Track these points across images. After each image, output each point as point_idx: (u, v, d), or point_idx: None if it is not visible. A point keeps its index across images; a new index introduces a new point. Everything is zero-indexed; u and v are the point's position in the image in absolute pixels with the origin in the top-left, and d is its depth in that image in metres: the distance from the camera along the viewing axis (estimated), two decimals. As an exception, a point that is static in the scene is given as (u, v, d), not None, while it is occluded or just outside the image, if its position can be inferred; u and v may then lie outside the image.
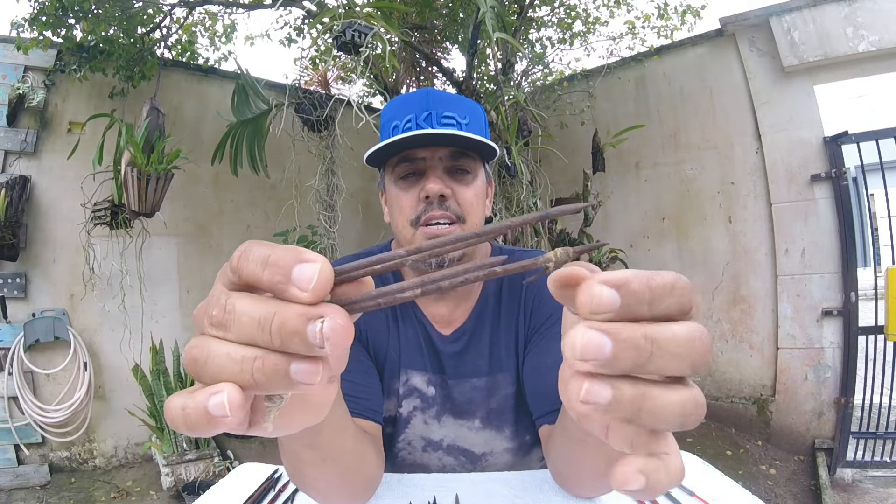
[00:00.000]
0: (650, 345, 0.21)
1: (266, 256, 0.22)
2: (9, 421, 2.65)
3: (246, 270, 0.22)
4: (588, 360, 0.21)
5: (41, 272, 2.87)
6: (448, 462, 0.82)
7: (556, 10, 3.94)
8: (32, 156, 2.86)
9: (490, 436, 0.80)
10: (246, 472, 0.82)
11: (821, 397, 2.93)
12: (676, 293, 0.22)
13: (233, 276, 0.23)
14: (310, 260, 0.22)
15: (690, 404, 0.22)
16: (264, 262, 0.22)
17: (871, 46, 2.82)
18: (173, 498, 2.59)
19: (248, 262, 0.22)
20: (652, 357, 0.21)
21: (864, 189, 2.81)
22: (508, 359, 0.79)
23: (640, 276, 0.22)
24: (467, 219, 0.75)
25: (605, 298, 0.21)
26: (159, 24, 3.20)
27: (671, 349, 0.21)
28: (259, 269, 0.22)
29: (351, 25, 2.15)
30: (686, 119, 3.59)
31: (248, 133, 2.87)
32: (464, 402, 0.79)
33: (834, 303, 2.93)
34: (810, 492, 2.56)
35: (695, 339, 0.22)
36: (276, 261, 0.22)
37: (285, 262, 0.22)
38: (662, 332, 0.21)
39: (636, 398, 0.22)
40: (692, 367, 0.22)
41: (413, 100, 0.76)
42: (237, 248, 0.24)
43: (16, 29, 2.72)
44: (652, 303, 0.22)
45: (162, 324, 3.19)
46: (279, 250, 0.22)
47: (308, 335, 0.21)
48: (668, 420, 0.22)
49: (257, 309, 0.22)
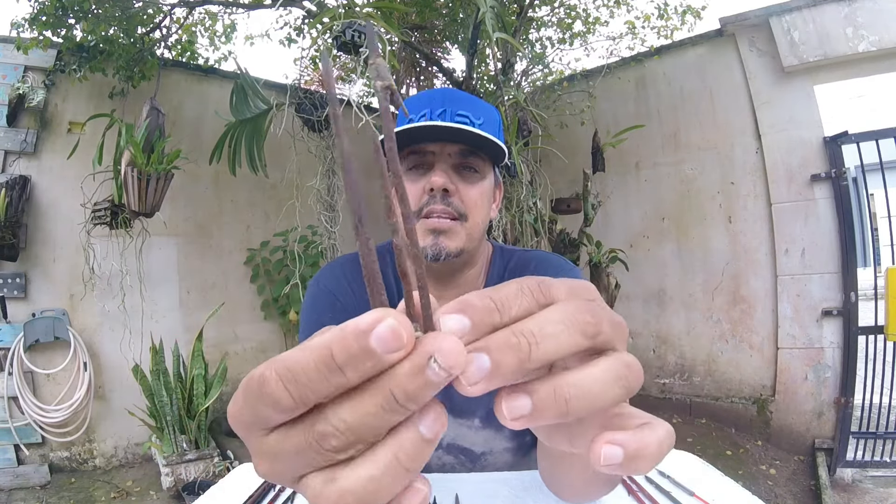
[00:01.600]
0: (518, 336, 0.20)
1: (324, 357, 0.18)
2: (9, 421, 2.65)
3: (306, 390, 0.18)
4: (475, 383, 0.20)
5: (41, 272, 2.87)
6: (448, 461, 0.82)
7: (556, 10, 3.93)
8: (32, 156, 2.86)
9: (490, 435, 0.80)
10: (246, 472, 0.82)
11: (821, 397, 2.93)
12: (524, 293, 0.22)
13: (274, 412, 0.19)
14: (375, 320, 0.18)
15: (620, 369, 0.21)
16: (325, 364, 0.18)
17: (871, 46, 2.82)
18: (173, 498, 2.59)
19: (299, 377, 0.18)
20: (535, 346, 0.20)
21: (864, 189, 2.81)
22: None
23: (479, 294, 0.21)
24: (469, 218, 0.75)
25: (453, 325, 0.20)
26: (159, 24, 3.20)
27: (549, 330, 0.20)
28: (325, 373, 0.18)
29: (351, 25, 2.15)
30: (686, 119, 3.59)
31: (246, 133, 2.87)
32: (463, 400, 0.79)
33: (834, 303, 2.93)
34: (810, 492, 2.56)
35: (567, 313, 0.21)
36: (344, 350, 0.18)
37: (353, 344, 0.18)
38: (527, 323, 0.21)
39: (556, 391, 0.20)
40: (583, 334, 0.21)
41: (431, 96, 0.77)
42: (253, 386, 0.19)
43: (16, 29, 2.72)
44: (501, 310, 0.21)
45: (162, 324, 3.19)
46: (325, 343, 0.18)
47: (433, 380, 0.18)
48: (606, 395, 0.21)
49: (365, 404, 0.18)
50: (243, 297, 3.67)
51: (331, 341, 0.18)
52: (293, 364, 0.18)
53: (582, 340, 0.21)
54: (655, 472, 0.73)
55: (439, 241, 0.73)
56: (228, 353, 3.34)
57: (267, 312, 3.73)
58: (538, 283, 0.23)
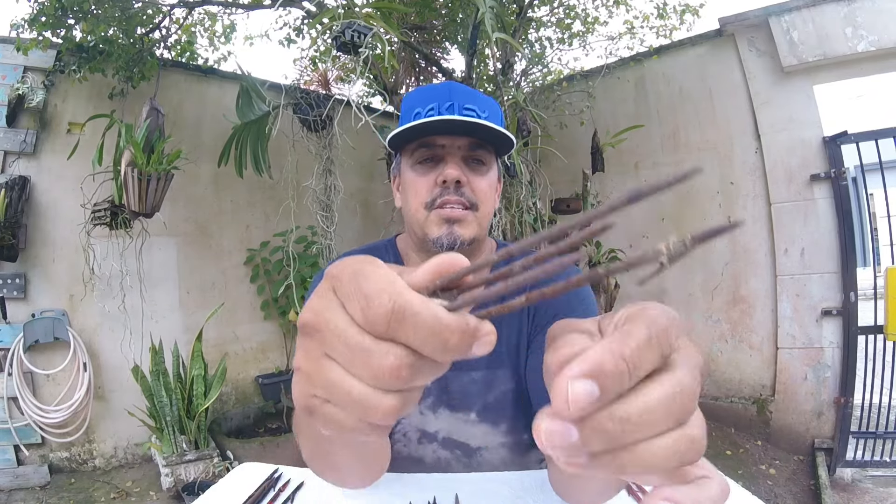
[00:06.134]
0: (621, 425, 0.20)
1: (446, 340, 0.21)
2: (8, 421, 2.65)
3: (409, 334, 0.21)
4: (555, 448, 0.20)
5: (41, 273, 2.87)
6: (443, 455, 0.82)
7: (556, 11, 3.94)
8: (32, 156, 2.86)
9: (486, 430, 0.81)
10: (246, 472, 0.82)
11: (820, 397, 2.93)
12: (654, 346, 0.21)
13: (380, 325, 0.22)
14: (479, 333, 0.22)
15: (683, 445, 0.21)
16: (438, 337, 0.21)
17: (871, 46, 2.82)
18: (173, 498, 2.59)
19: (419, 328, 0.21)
20: (626, 433, 0.20)
21: (864, 189, 2.81)
22: (509, 355, 0.79)
23: (613, 353, 0.20)
24: (480, 207, 0.77)
25: (581, 395, 0.20)
26: (159, 25, 3.20)
27: (646, 420, 0.20)
28: (432, 339, 0.21)
29: (350, 26, 2.15)
30: (685, 119, 3.59)
31: (251, 135, 2.88)
32: (460, 394, 0.80)
33: (833, 303, 2.93)
34: (810, 492, 2.56)
35: (675, 396, 0.20)
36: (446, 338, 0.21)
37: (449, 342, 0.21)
38: (633, 407, 0.20)
39: (611, 453, 0.20)
40: (677, 422, 0.21)
41: (437, 90, 0.78)
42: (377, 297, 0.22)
43: (15, 29, 2.72)
44: (632, 373, 0.20)
45: (162, 324, 3.19)
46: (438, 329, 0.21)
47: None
48: (657, 465, 0.20)
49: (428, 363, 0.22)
50: (243, 297, 3.67)
51: (453, 327, 0.21)
52: (413, 311, 0.21)
53: (674, 426, 0.21)
54: (655, 472, 0.73)
55: (454, 230, 0.75)
56: (228, 353, 3.33)
57: (267, 313, 3.73)
58: (665, 331, 0.22)
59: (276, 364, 3.79)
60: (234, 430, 3.33)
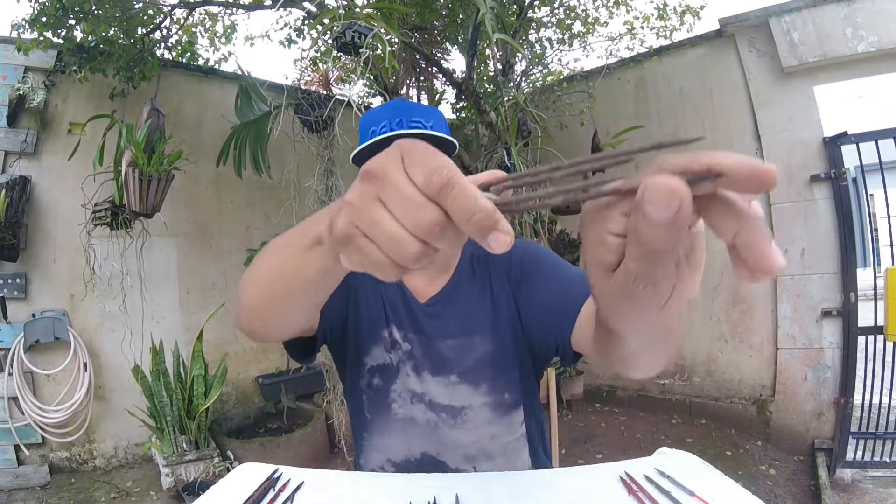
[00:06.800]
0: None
1: (476, 210, 0.27)
2: (9, 421, 2.66)
3: (454, 202, 0.27)
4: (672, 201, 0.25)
5: (41, 272, 2.87)
6: (431, 417, 0.88)
7: (556, 11, 3.94)
8: (32, 156, 2.87)
9: (467, 390, 0.87)
10: (246, 472, 0.82)
11: (820, 397, 2.93)
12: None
13: (434, 189, 0.27)
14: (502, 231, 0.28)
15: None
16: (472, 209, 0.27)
17: (871, 47, 2.82)
18: (173, 498, 2.59)
19: (464, 200, 0.27)
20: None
21: (864, 189, 2.81)
22: (485, 321, 0.88)
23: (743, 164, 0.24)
24: None
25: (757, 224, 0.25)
26: (159, 25, 3.20)
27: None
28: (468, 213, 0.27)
29: (351, 26, 2.15)
30: (686, 120, 3.59)
31: (251, 135, 2.88)
32: (439, 360, 0.87)
33: (833, 303, 2.93)
34: (810, 492, 2.56)
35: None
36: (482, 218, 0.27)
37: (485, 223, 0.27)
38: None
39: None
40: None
41: (385, 109, 0.92)
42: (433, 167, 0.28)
43: (16, 30, 2.73)
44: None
45: (162, 324, 3.19)
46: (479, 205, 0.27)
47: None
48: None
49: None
50: (243, 297, 3.66)
51: (483, 207, 0.27)
52: (462, 186, 0.27)
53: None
54: (655, 472, 0.73)
55: None
56: (228, 353, 3.33)
57: (267, 313, 3.73)
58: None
59: (277, 364, 3.79)
60: (234, 430, 3.33)
